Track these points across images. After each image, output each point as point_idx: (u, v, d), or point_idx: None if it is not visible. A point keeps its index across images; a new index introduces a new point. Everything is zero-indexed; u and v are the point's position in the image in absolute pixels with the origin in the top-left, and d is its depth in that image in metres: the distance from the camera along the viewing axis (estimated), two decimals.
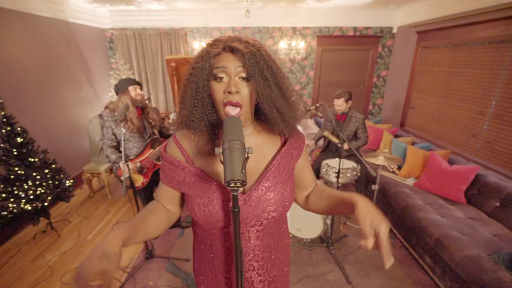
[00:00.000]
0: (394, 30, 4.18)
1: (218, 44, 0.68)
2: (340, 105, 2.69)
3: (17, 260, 2.26)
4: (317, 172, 2.81)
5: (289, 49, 4.21)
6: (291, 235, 2.44)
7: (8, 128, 2.25)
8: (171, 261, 2.21)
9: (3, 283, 2.03)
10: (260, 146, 0.78)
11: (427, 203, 2.33)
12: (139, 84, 2.18)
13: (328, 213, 0.84)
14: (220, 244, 0.79)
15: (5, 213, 2.27)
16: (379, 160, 2.27)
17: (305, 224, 2.34)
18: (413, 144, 3.21)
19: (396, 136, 3.55)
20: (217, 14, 4.00)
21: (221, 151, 0.59)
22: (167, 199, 0.82)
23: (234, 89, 0.64)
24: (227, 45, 0.67)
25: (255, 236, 0.77)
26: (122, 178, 2.04)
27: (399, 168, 3.02)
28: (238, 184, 0.56)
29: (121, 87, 2.15)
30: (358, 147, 2.75)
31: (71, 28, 3.40)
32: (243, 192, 0.74)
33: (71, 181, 2.71)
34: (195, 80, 0.69)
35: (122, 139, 1.88)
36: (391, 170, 3.02)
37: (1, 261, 2.25)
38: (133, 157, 2.17)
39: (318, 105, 2.00)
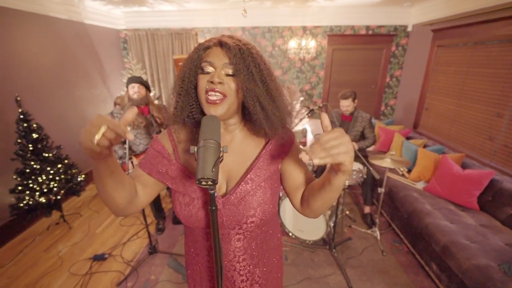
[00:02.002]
0: (409, 29, 4.04)
1: (211, 39, 0.71)
2: (347, 105, 2.64)
3: (31, 250, 2.39)
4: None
5: (299, 48, 4.17)
6: (293, 236, 2.42)
7: (25, 125, 2.38)
8: (173, 257, 2.26)
9: (16, 271, 2.15)
10: (244, 149, 0.77)
11: (436, 208, 2.24)
12: (140, 82, 2.23)
13: (321, 201, 0.68)
14: (202, 242, 0.80)
15: (22, 204, 2.40)
16: (386, 162, 2.20)
17: (308, 226, 2.32)
18: (425, 146, 3.10)
19: (408, 138, 3.44)
20: (227, 14, 4.03)
21: (195, 149, 0.60)
22: (139, 183, 0.75)
23: (217, 79, 0.65)
24: (217, 41, 0.69)
25: (236, 239, 0.77)
26: (127, 173, 2.11)
27: (409, 171, 2.92)
28: (210, 183, 0.56)
29: (127, 85, 2.23)
30: (366, 146, 2.68)
31: (87, 29, 3.54)
32: (224, 195, 0.75)
33: (83, 176, 2.83)
34: (184, 70, 0.71)
35: (126, 143, 1.94)
36: (400, 173, 2.92)
37: (16, 250, 2.38)
38: (139, 153, 2.23)
39: (321, 105, 1.97)
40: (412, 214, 2.25)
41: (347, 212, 2.79)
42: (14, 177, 2.37)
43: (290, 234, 2.43)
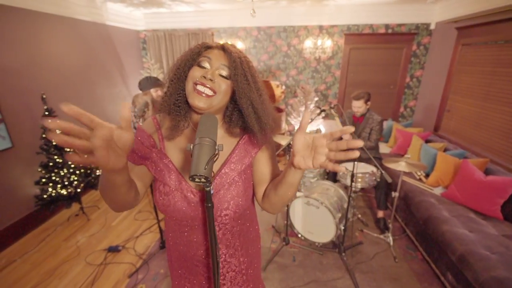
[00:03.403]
0: (432, 27, 3.86)
1: (216, 43, 0.76)
2: (359, 106, 2.58)
3: (52, 239, 2.53)
4: (334, 175, 2.72)
5: (314, 48, 4.11)
6: (302, 238, 2.39)
7: (49, 121, 2.52)
8: None
9: (39, 258, 2.29)
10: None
11: (455, 215, 2.13)
12: (160, 85, 2.32)
13: (278, 197, 0.73)
14: (177, 234, 0.83)
15: (45, 196, 2.55)
16: (401, 166, 2.12)
17: (317, 228, 2.29)
18: (445, 150, 2.95)
19: (427, 141, 3.29)
20: (243, 14, 4.05)
21: (191, 146, 0.61)
22: (133, 175, 0.76)
23: (209, 76, 0.69)
24: (221, 45, 0.75)
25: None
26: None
27: (427, 175, 2.79)
28: (203, 180, 0.58)
29: (144, 88, 2.31)
30: (365, 146, 2.59)
31: (108, 30, 3.69)
32: (200, 189, 0.77)
33: (101, 171, 2.95)
34: (181, 59, 0.75)
35: None
36: (417, 177, 2.81)
37: (39, 238, 2.54)
38: None
39: (332, 105, 1.94)
40: (428, 221, 2.15)
41: (359, 216, 2.72)
42: (39, 169, 2.53)
43: (299, 235, 2.41)
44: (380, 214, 2.61)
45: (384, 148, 3.63)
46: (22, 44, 2.54)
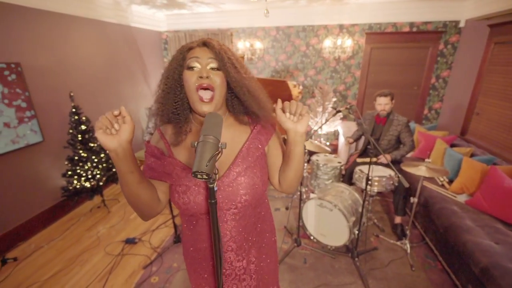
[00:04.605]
0: (461, 24, 3.64)
1: (194, 41, 0.78)
2: (386, 103, 2.47)
3: (76, 228, 2.69)
4: (350, 178, 2.65)
5: (334, 47, 4.03)
6: (314, 240, 2.36)
7: (76, 117, 2.69)
8: None
9: (63, 245, 2.45)
10: (232, 137, 0.84)
11: (479, 225, 2.00)
12: None
13: (291, 172, 0.83)
14: (204, 228, 0.84)
15: (71, 187, 2.72)
16: (421, 170, 2.02)
17: (330, 230, 2.25)
18: (472, 155, 2.77)
19: (452, 145, 3.11)
20: (261, 14, 4.03)
21: (195, 143, 0.63)
22: (153, 183, 0.82)
23: (205, 74, 0.72)
24: (201, 41, 0.77)
25: (231, 219, 0.81)
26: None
27: (451, 181, 2.64)
28: (205, 176, 0.59)
29: None
30: (401, 156, 2.49)
31: (132, 31, 3.86)
32: (218, 178, 0.78)
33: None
34: (168, 69, 0.78)
35: None
36: (439, 183, 2.66)
37: (64, 227, 2.71)
38: None
39: (349, 106, 1.89)
40: (449, 229, 2.04)
41: (375, 221, 2.63)
42: (66, 163, 2.70)
43: (312, 237, 2.37)
44: (398, 220, 2.51)
45: None
46: (54, 45, 2.72)
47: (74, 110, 2.67)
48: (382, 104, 2.48)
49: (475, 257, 1.74)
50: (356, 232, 2.14)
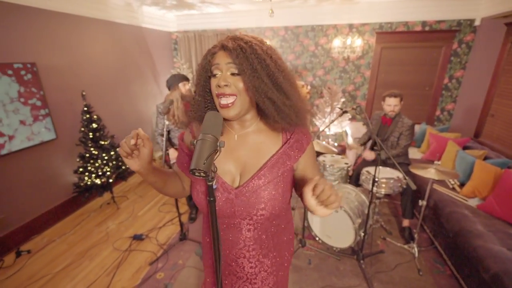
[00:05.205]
0: (477, 23, 3.53)
1: (216, 45, 0.75)
2: (395, 104, 2.43)
3: (86, 223, 2.77)
4: (357, 179, 2.61)
5: (343, 47, 3.98)
6: (319, 241, 2.34)
7: (87, 116, 2.77)
8: (201, 245, 2.38)
9: (74, 239, 2.52)
10: (260, 145, 0.80)
11: (491, 230, 1.93)
12: (188, 80, 2.41)
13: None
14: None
15: (82, 184, 2.80)
16: (430, 173, 1.98)
17: (336, 232, 2.22)
18: (485, 158, 2.69)
19: (465, 148, 3.02)
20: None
21: (195, 141, 0.64)
22: (181, 177, 0.90)
23: (222, 83, 0.70)
24: (220, 44, 0.73)
25: (246, 229, 0.80)
26: (171, 163, 2.36)
27: (462, 185, 2.57)
28: (202, 174, 0.60)
29: (172, 84, 2.42)
30: (386, 157, 2.43)
31: (143, 32, 3.93)
32: (237, 186, 0.78)
33: None
34: (197, 76, 0.78)
35: (165, 129, 2.12)
36: (450, 186, 2.59)
37: (75, 222, 2.79)
38: (177, 146, 2.42)
39: (355, 106, 1.86)
40: (459, 234, 1.98)
41: (382, 223, 2.58)
42: (77, 160, 2.79)
43: (317, 238, 2.36)
44: (406, 223, 2.46)
45: (415, 154, 3.40)
46: (67, 46, 2.81)
47: (85, 108, 2.75)
48: (392, 105, 2.44)
49: (485, 263, 1.68)
50: (362, 234, 2.11)
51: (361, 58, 4.04)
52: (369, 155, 2.58)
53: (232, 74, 0.71)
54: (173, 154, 2.46)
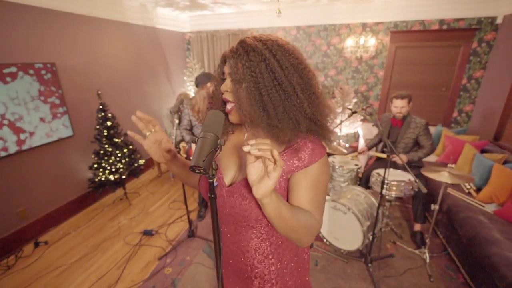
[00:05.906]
0: (498, 20, 3.37)
1: (227, 50, 0.75)
2: (402, 106, 2.36)
3: (100, 218, 2.87)
4: (367, 181, 2.57)
5: (356, 47, 3.91)
6: (327, 243, 2.32)
7: (102, 114, 2.86)
8: (208, 243, 2.42)
9: (88, 233, 2.62)
10: None
11: (508, 237, 1.85)
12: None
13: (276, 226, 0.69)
14: (234, 232, 0.84)
15: (96, 180, 2.90)
16: (443, 176, 1.91)
17: (344, 234, 2.19)
18: (505, 162, 2.57)
19: (483, 151, 2.90)
20: (282, 14, 4.03)
21: (196, 139, 0.66)
22: None
23: (223, 89, 0.73)
24: (229, 50, 0.74)
25: (249, 234, 0.78)
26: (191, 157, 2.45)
27: (479, 189, 2.46)
28: (202, 171, 0.62)
29: (201, 82, 2.49)
30: (419, 158, 2.38)
31: (157, 33, 4.02)
32: (229, 185, 0.78)
33: (143, 161, 3.25)
34: (217, 78, 0.81)
35: (174, 127, 2.17)
36: (466, 190, 2.49)
37: (89, 216, 2.90)
38: None
39: (365, 107, 1.83)
40: (473, 240, 1.91)
41: (393, 227, 2.52)
42: (92, 156, 2.89)
43: (324, 240, 2.33)
44: (417, 227, 2.39)
45: (429, 156, 3.28)
46: (85, 46, 2.93)
47: (101, 107, 2.85)
48: (398, 107, 2.38)
49: (501, 272, 1.61)
50: (371, 237, 2.07)
51: (375, 58, 3.96)
52: (402, 158, 2.37)
53: (232, 81, 0.71)
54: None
